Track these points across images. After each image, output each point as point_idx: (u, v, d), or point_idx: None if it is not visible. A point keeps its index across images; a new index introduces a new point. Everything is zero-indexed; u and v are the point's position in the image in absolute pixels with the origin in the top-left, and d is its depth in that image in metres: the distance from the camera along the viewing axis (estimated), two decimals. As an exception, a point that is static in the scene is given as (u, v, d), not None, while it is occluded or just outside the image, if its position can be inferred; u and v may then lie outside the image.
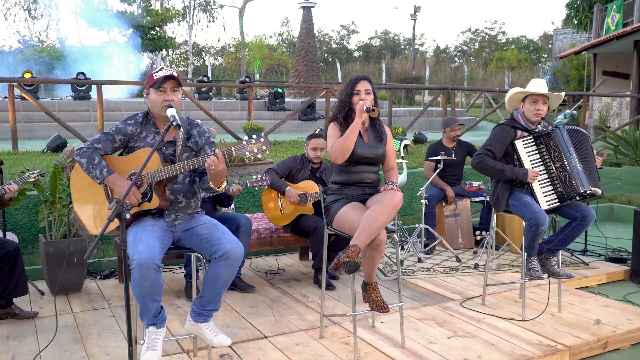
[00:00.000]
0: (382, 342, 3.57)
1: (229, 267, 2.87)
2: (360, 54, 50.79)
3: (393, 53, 46.95)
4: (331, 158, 3.32)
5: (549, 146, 3.96)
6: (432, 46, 61.08)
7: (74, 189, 3.01)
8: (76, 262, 4.49)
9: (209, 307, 2.96)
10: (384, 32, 53.77)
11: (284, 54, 31.20)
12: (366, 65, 37.70)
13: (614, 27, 14.59)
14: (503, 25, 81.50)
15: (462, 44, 53.12)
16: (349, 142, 3.24)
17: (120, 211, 2.50)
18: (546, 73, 27.82)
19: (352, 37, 67.24)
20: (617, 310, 4.19)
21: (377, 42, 52.69)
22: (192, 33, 36.82)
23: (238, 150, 2.80)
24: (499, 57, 29.85)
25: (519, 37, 48.75)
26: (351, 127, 3.25)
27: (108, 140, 2.97)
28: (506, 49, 39.92)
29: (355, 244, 3.07)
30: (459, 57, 51.02)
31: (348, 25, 57.96)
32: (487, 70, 30.82)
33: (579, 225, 3.88)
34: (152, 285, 2.73)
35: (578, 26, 19.85)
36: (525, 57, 31.61)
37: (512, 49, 34.65)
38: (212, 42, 64.25)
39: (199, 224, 3.00)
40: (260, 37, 26.23)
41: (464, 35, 54.24)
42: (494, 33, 50.19)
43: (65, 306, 4.26)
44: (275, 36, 47.59)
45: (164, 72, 2.95)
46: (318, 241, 4.71)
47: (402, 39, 53.26)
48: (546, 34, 49.37)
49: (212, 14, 38.16)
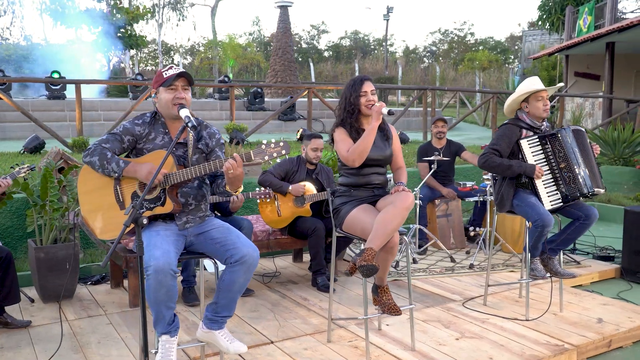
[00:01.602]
0: (392, 345, 3.54)
1: (245, 272, 2.79)
2: (331, 53, 50.82)
3: (364, 53, 47.13)
4: (347, 162, 3.26)
5: (554, 146, 3.97)
6: (402, 46, 61.45)
7: (81, 191, 2.89)
8: (68, 268, 4.33)
9: (223, 313, 2.88)
10: (354, 32, 53.96)
11: (257, 53, 30.97)
12: (338, 65, 37.71)
13: (585, 30, 14.89)
14: (472, 26, 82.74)
15: (431, 45, 53.62)
16: (368, 144, 3.20)
17: (137, 216, 2.41)
18: (516, 74, 28.27)
19: (322, 37, 67.36)
20: (617, 308, 4.25)
21: (347, 42, 52.80)
22: (161, 31, 36.39)
23: (257, 155, 2.74)
24: (470, 58, 30.18)
25: (487, 38, 49.43)
26: (369, 130, 3.20)
27: (116, 141, 2.86)
28: (475, 50, 40.45)
29: (370, 247, 3.03)
30: (427, 58, 51.50)
31: (318, 25, 57.94)
32: (458, 71, 31.14)
33: (582, 224, 3.91)
34: (168, 292, 2.63)
35: (550, 28, 20.22)
36: (496, 58, 32.05)
37: (483, 50, 35.09)
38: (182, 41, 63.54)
39: (212, 228, 2.92)
40: (232, 36, 25.95)
41: (433, 36, 54.83)
42: (462, 34, 50.81)
43: (58, 314, 4.11)
44: (246, 35, 47.33)
45: (174, 70, 2.86)
46: (317, 243, 4.65)
47: (372, 39, 53.50)
48: (513, 36, 50.21)
49: (182, 13, 37.74)
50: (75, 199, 4.37)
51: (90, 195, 2.87)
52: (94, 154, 2.82)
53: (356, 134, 3.34)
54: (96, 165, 2.82)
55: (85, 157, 2.84)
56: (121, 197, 2.85)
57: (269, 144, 2.76)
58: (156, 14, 34.94)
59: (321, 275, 4.71)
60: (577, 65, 16.67)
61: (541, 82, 4.02)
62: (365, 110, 3.34)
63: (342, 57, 47.11)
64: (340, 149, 3.29)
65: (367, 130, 3.21)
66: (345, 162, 3.28)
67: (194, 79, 13.56)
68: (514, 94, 4.06)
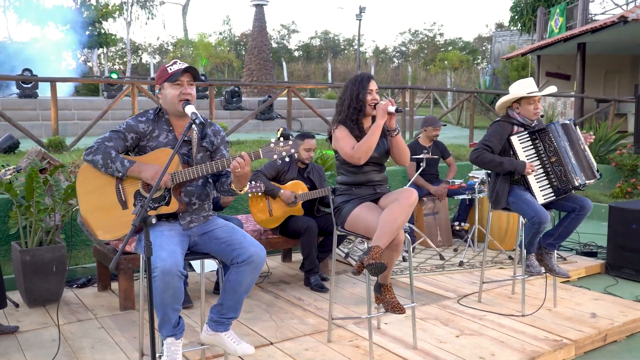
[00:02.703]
0: (393, 344, 3.51)
1: (252, 272, 2.73)
2: (301, 53, 50.77)
3: (334, 53, 47.20)
4: (353, 159, 3.21)
5: (544, 141, 4.01)
6: (372, 47, 61.83)
7: (80, 191, 2.79)
8: (55, 271, 4.20)
9: (229, 314, 2.81)
10: (324, 32, 54.00)
11: (229, 52, 30.72)
12: (309, 65, 37.69)
13: (557, 30, 15.17)
14: (441, 27, 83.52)
15: (401, 45, 53.99)
16: (374, 142, 3.17)
17: (146, 216, 2.33)
18: (486, 74, 28.67)
19: (293, 36, 67.29)
20: (608, 303, 4.31)
21: (317, 42, 52.80)
22: (129, 30, 35.79)
23: (266, 153, 2.68)
24: (441, 58, 30.50)
25: (455, 39, 49.99)
26: (375, 128, 3.17)
27: (119, 139, 2.77)
28: (444, 50, 40.89)
29: (377, 245, 3.00)
30: (397, 58, 51.85)
31: (289, 24, 57.80)
32: (430, 71, 31.44)
33: (577, 216, 3.95)
34: (175, 293, 2.56)
35: (522, 29, 20.55)
36: (467, 59, 32.47)
37: (454, 51, 35.50)
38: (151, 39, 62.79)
39: (216, 227, 2.85)
40: (205, 35, 25.68)
41: (403, 37, 55.19)
42: (432, 35, 51.28)
43: (46, 318, 3.98)
44: (216, 34, 46.91)
45: (179, 65, 2.79)
46: (310, 242, 4.61)
47: (342, 39, 53.61)
48: (481, 37, 50.93)
49: (151, 11, 37.19)
50: (61, 199, 4.24)
51: (90, 194, 2.77)
52: (97, 153, 2.72)
53: (359, 132, 3.30)
54: (99, 164, 2.72)
55: (87, 155, 2.74)
56: (123, 196, 2.75)
57: (278, 143, 2.71)
58: (124, 12, 34.36)
59: (314, 275, 4.66)
60: (548, 65, 16.98)
61: (535, 84, 4.04)
62: (370, 109, 3.31)
63: (313, 57, 47.09)
64: (344, 146, 3.24)
65: (373, 127, 3.18)
66: (349, 159, 3.24)
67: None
68: (508, 95, 4.08)
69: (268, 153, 2.69)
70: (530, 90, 3.96)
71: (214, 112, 9.60)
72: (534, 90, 3.96)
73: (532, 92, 3.95)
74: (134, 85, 8.57)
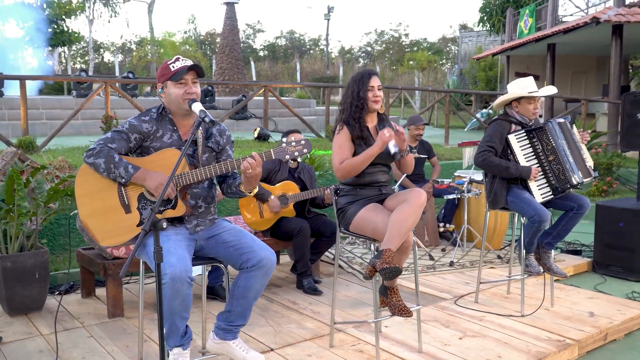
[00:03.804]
0: (397, 348, 3.44)
1: (262, 277, 2.62)
2: (267, 53, 50.51)
3: (300, 53, 47.11)
4: (336, 173, 3.16)
5: (541, 140, 4.00)
6: (337, 47, 61.88)
7: (79, 194, 2.62)
8: (37, 278, 3.99)
9: (237, 322, 2.70)
10: (290, 31, 53.89)
11: (197, 51, 30.29)
12: (279, 64, 37.52)
13: (527, 31, 15.40)
14: (407, 27, 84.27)
15: (366, 45, 54.22)
16: (362, 166, 3.13)
17: (156, 220, 2.19)
18: (453, 74, 28.99)
19: (258, 36, 66.85)
20: (603, 301, 4.32)
21: (282, 42, 52.62)
22: (92, 28, 34.96)
23: (278, 153, 2.57)
24: (409, 58, 30.73)
25: (420, 39, 50.45)
26: (368, 155, 3.10)
27: (122, 140, 2.61)
28: (410, 51, 41.23)
29: (389, 247, 2.91)
30: (363, 58, 52.06)
31: (254, 24, 57.48)
32: (399, 71, 31.64)
33: (576, 214, 3.95)
34: (183, 301, 2.43)
35: (491, 29, 20.80)
36: (434, 59, 32.80)
37: (423, 51, 35.82)
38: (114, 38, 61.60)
39: (223, 231, 2.72)
40: (171, 34, 25.24)
41: (368, 37, 55.42)
42: (397, 35, 51.65)
43: (30, 328, 3.77)
44: (181, 33, 46.26)
45: (182, 62, 2.65)
46: (303, 244, 4.50)
47: (307, 39, 53.56)
48: (445, 37, 51.57)
49: (114, 9, 36.43)
50: (44, 202, 4.03)
51: (89, 198, 2.60)
52: (99, 156, 2.56)
53: (360, 132, 3.21)
54: (101, 168, 2.56)
55: (89, 157, 2.57)
56: (126, 199, 2.60)
57: (290, 143, 2.60)
58: (87, 10, 33.55)
59: (307, 278, 4.56)
60: (517, 65, 17.23)
61: (535, 84, 4.02)
62: (372, 105, 3.23)
63: (279, 57, 46.90)
64: (335, 155, 3.18)
65: (366, 153, 3.10)
66: (334, 172, 3.18)
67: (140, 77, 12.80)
68: (508, 94, 4.05)
69: (280, 153, 2.58)
70: (531, 90, 3.94)
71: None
72: (534, 90, 3.94)
73: (533, 92, 3.92)
74: (107, 84, 8.31)
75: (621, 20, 11.39)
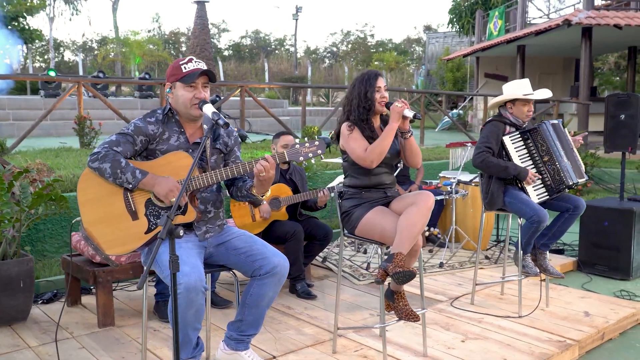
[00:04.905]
0: (402, 352, 3.39)
1: (275, 284, 2.53)
2: (232, 52, 50.09)
3: (266, 53, 46.86)
4: (364, 162, 3.07)
5: (536, 141, 4.02)
6: (303, 47, 61.74)
7: (82, 200, 2.48)
8: (23, 287, 3.81)
9: (249, 331, 2.60)
10: (255, 31, 53.60)
11: (164, 50, 29.80)
12: (245, 64, 37.20)
13: (496, 33, 15.63)
14: (373, 28, 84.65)
15: (332, 45, 54.29)
16: (387, 145, 3.05)
17: (172, 228, 2.09)
18: (420, 75, 29.26)
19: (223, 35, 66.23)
20: (595, 300, 4.37)
21: (247, 42, 52.27)
22: (52, 26, 34.05)
23: (292, 155, 2.48)
24: (378, 59, 30.89)
25: (386, 40, 50.77)
26: (389, 131, 3.05)
27: (128, 142, 2.49)
28: (375, 51, 41.43)
29: (400, 251, 2.86)
30: (328, 58, 52.11)
31: (218, 23, 56.89)
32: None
33: (571, 215, 3.97)
34: (197, 311, 2.33)
35: (460, 31, 21.05)
36: (403, 59, 33.06)
37: (390, 52, 36.03)
38: (76, 36, 60.18)
39: (233, 237, 2.63)
40: (136, 32, 24.76)
41: (334, 37, 55.45)
42: (363, 35, 51.86)
43: (15, 340, 3.59)
44: (145, 32, 45.49)
45: (195, 64, 2.54)
46: (296, 248, 4.42)
47: (273, 39, 53.34)
48: (409, 38, 52.05)
49: (75, 7, 35.56)
50: (28, 207, 3.85)
51: (93, 204, 2.47)
52: (104, 160, 2.43)
53: (370, 132, 3.16)
54: (107, 173, 2.43)
55: (93, 162, 2.43)
56: (133, 205, 2.48)
57: (303, 144, 2.52)
58: (47, 7, 32.67)
59: (300, 282, 4.48)
60: (487, 66, 17.48)
61: (530, 86, 4.03)
62: (379, 107, 3.18)
63: (245, 57, 46.55)
64: (356, 148, 3.09)
65: (387, 130, 3.05)
66: (361, 162, 3.09)
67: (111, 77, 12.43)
68: (503, 95, 4.06)
69: (294, 155, 2.50)
70: (526, 92, 3.95)
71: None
72: (529, 92, 3.95)
73: (528, 95, 3.94)
74: (80, 84, 8.05)
75: (592, 23, 11.66)
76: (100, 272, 3.74)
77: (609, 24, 11.62)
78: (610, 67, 22.41)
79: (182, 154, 2.51)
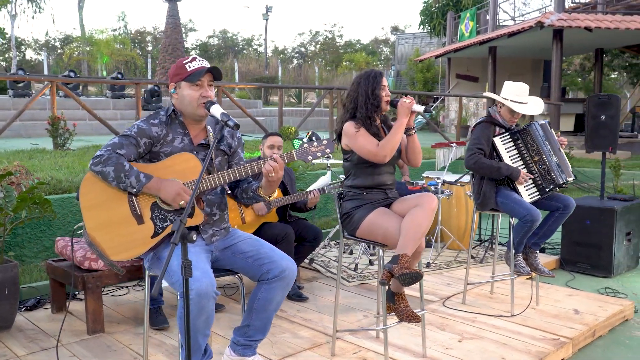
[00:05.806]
0: (400, 353, 3.39)
1: (283, 288, 2.49)
2: (199, 52, 49.61)
3: (234, 53, 46.54)
4: (377, 158, 3.06)
5: (526, 141, 4.07)
6: (271, 47, 61.57)
7: (85, 206, 2.40)
8: (7, 294, 3.67)
9: (257, 337, 2.55)
10: (223, 31, 53.22)
11: (133, 50, 29.30)
12: (213, 63, 36.84)
13: (468, 34, 15.83)
14: (342, 28, 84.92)
15: (300, 46, 54.25)
16: (398, 140, 3.05)
17: (185, 233, 2.03)
18: (389, 75, 29.44)
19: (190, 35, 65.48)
20: (583, 298, 4.44)
21: (215, 41, 51.85)
22: (14, 24, 33.16)
23: (300, 155, 2.44)
24: (348, 59, 30.98)
25: (354, 40, 50.97)
26: (399, 126, 3.05)
27: (131, 145, 2.41)
28: (344, 52, 41.58)
29: (405, 253, 2.86)
30: (296, 59, 52.06)
31: (186, 23, 56.26)
32: (338, 72, 31.81)
33: (562, 214, 4.03)
34: (207, 318, 2.27)
35: (431, 32, 21.27)
36: (373, 60, 33.22)
37: (361, 52, 36.17)
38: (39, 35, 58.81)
39: (239, 240, 2.57)
40: (102, 31, 24.26)
41: (302, 37, 55.44)
42: (331, 36, 51.95)
43: (2, 350, 3.46)
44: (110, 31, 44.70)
45: (199, 63, 2.48)
46: (288, 250, 4.35)
47: (240, 39, 53.03)
48: (377, 39, 52.38)
49: (38, 4, 34.71)
50: (13, 211, 3.72)
51: (97, 208, 2.39)
52: (107, 163, 2.34)
53: (376, 129, 3.16)
54: (110, 177, 2.35)
55: (96, 165, 2.35)
56: (138, 209, 2.40)
57: (312, 143, 2.48)
58: (9, 5, 31.78)
59: (291, 284, 4.43)
60: (458, 67, 17.71)
61: (526, 93, 4.05)
62: (384, 104, 3.19)
63: (212, 56, 46.17)
64: (367, 144, 3.08)
65: (397, 125, 3.06)
66: (372, 158, 3.07)
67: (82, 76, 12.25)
68: (498, 96, 4.09)
69: (302, 154, 2.46)
70: (518, 100, 3.98)
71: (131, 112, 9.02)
72: (522, 101, 3.98)
73: (515, 107, 3.97)
74: (54, 84, 7.84)
75: (563, 25, 11.91)
76: (89, 277, 3.64)
77: (580, 26, 11.88)
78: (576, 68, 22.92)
79: (187, 155, 2.45)
